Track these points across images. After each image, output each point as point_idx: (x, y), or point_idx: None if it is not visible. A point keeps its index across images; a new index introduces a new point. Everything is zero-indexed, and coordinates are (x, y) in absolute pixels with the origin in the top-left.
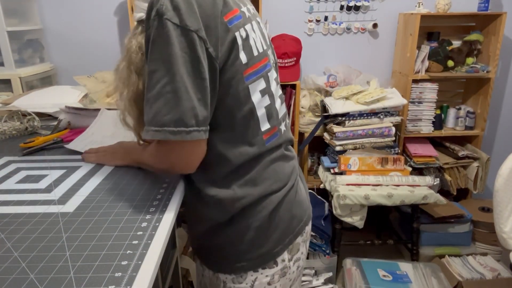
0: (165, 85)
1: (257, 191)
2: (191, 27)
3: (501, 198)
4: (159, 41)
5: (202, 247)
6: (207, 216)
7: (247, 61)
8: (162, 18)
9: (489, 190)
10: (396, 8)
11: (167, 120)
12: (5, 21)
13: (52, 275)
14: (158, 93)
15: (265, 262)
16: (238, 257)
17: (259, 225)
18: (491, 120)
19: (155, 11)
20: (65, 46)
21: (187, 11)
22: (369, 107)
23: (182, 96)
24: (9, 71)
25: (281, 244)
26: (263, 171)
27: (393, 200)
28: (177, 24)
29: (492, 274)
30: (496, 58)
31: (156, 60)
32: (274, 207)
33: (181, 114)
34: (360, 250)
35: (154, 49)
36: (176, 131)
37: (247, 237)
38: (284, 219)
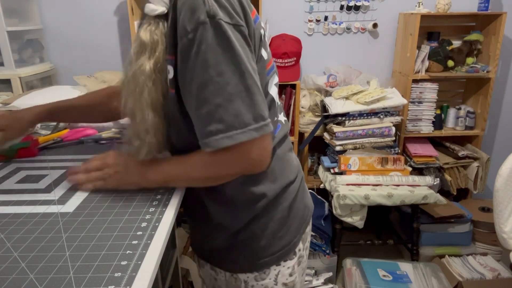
0: (237, 84)
1: (279, 184)
2: (239, 22)
3: (501, 198)
4: (219, 43)
5: (215, 250)
6: (231, 220)
7: (267, 57)
8: (215, 19)
9: (489, 190)
10: (396, 8)
11: (248, 119)
12: (5, 21)
13: (52, 275)
14: (231, 95)
15: (286, 254)
16: (261, 253)
17: (281, 217)
18: (491, 120)
19: (205, 14)
20: (65, 46)
21: (232, 7)
22: (369, 107)
23: (254, 91)
24: (9, 71)
25: (298, 234)
26: (281, 163)
27: (393, 200)
28: (229, 22)
29: (492, 274)
30: (496, 58)
31: (219, 62)
32: (293, 197)
33: (258, 109)
34: (360, 250)
35: (214, 52)
36: (258, 127)
37: (269, 231)
38: (300, 208)
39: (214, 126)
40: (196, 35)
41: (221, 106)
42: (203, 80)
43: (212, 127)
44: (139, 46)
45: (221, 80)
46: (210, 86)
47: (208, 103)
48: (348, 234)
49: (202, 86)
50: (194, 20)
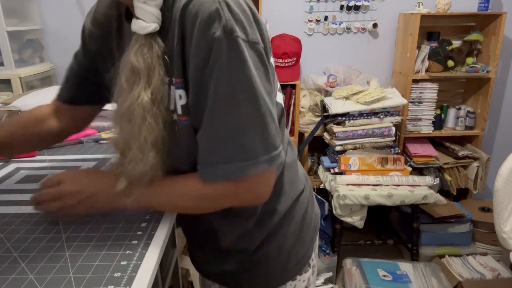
0: (250, 111)
1: (290, 197)
2: (256, 39)
3: (501, 198)
4: (234, 64)
5: (226, 273)
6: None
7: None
8: (232, 36)
9: (489, 190)
10: (396, 8)
11: (260, 150)
12: (5, 21)
13: (52, 275)
14: (243, 123)
15: (302, 268)
16: (276, 271)
17: (294, 232)
18: (491, 120)
19: (221, 29)
20: (65, 46)
21: (248, 21)
22: (369, 107)
23: (268, 120)
24: (9, 71)
25: (311, 245)
26: (290, 173)
27: (393, 200)
28: (245, 39)
29: (492, 274)
30: (496, 58)
31: (233, 87)
32: (305, 209)
33: (271, 138)
34: (360, 250)
35: (228, 75)
36: (270, 159)
37: (284, 248)
38: (312, 217)
39: (219, 156)
40: (211, 54)
41: (231, 135)
42: (215, 105)
43: (217, 156)
44: (131, 74)
45: (233, 107)
46: (221, 112)
47: (217, 130)
48: (348, 234)
49: (212, 111)
50: (209, 35)
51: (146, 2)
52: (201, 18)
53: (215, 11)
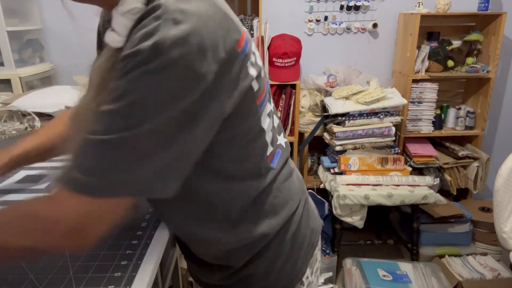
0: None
1: (280, 219)
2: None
3: (501, 198)
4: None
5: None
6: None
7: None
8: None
9: (489, 190)
10: (396, 8)
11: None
12: (5, 21)
13: (52, 275)
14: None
15: (293, 286)
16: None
17: (284, 250)
18: (491, 120)
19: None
20: (65, 46)
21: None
22: (369, 107)
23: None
24: (9, 71)
25: (305, 263)
26: (281, 196)
27: (393, 200)
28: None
29: (492, 274)
30: (496, 58)
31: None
32: (296, 227)
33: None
34: (360, 250)
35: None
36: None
37: (272, 266)
38: (306, 234)
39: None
40: (127, 63)
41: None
42: (105, 110)
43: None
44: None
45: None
46: (106, 119)
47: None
48: (348, 234)
49: (99, 114)
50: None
51: (125, 15)
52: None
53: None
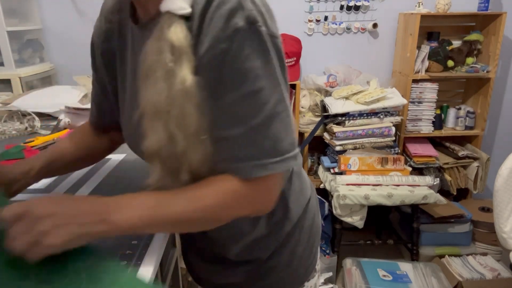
0: (276, 104)
1: (300, 204)
2: (276, 33)
3: (501, 198)
4: (259, 54)
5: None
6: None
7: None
8: (256, 26)
9: (489, 190)
10: (396, 8)
11: (287, 146)
12: (5, 21)
13: None
14: (270, 116)
15: (310, 273)
16: (286, 279)
17: (305, 238)
18: (491, 120)
19: (244, 19)
20: (65, 46)
21: (269, 14)
22: (369, 107)
23: (290, 113)
24: (9, 71)
25: (317, 250)
26: (298, 180)
27: (393, 200)
28: (267, 32)
29: (492, 274)
30: (496, 58)
31: (258, 76)
32: (313, 215)
33: (293, 133)
34: (360, 250)
35: (253, 64)
36: (294, 156)
37: (295, 255)
38: (319, 224)
39: (246, 151)
40: (233, 44)
41: (258, 128)
42: (238, 96)
43: (243, 152)
44: (172, 53)
45: (259, 98)
46: (248, 104)
47: (242, 123)
48: (348, 234)
49: (236, 103)
50: (231, 26)
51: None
52: (223, 10)
53: (234, 3)
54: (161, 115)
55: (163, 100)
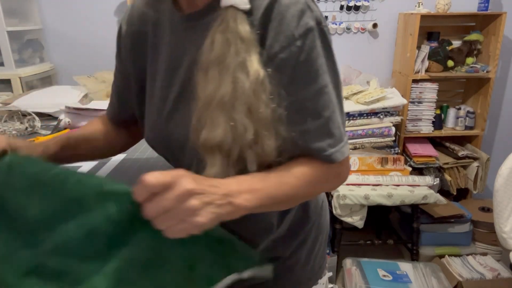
0: (337, 95)
1: (318, 202)
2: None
3: (501, 198)
4: (325, 51)
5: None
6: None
7: None
8: (321, 26)
9: (489, 190)
10: (396, 8)
11: (344, 132)
12: (5, 21)
13: None
14: (334, 107)
15: (323, 270)
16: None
17: (320, 235)
18: (491, 120)
19: (314, 19)
20: (65, 46)
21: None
22: (369, 107)
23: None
24: (9, 71)
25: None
26: None
27: (393, 200)
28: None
29: (492, 274)
30: (496, 58)
31: (325, 72)
32: (326, 211)
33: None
34: (360, 250)
35: (322, 61)
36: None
37: (313, 251)
38: (328, 220)
39: (325, 141)
40: (306, 42)
41: (330, 119)
42: (314, 91)
43: (325, 142)
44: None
45: (328, 91)
46: (322, 98)
47: (320, 116)
48: (348, 234)
49: (313, 98)
50: (303, 26)
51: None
52: (293, 11)
53: (303, 4)
54: (228, 107)
55: (233, 92)
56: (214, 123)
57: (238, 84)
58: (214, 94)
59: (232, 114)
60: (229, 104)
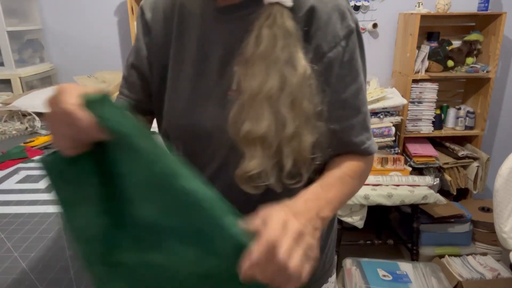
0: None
1: None
2: None
3: (501, 198)
4: (361, 50)
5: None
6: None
7: None
8: (359, 28)
9: (489, 190)
10: (396, 8)
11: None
12: (5, 21)
13: (52, 275)
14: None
15: (333, 268)
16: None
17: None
18: (491, 120)
19: (354, 21)
20: (65, 46)
21: None
22: (369, 107)
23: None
24: (9, 71)
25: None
26: None
27: (393, 200)
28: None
29: (492, 274)
30: (496, 58)
31: (362, 70)
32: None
33: None
34: (360, 250)
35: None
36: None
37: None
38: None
39: (364, 135)
40: (349, 43)
41: (367, 114)
42: (355, 88)
43: (364, 136)
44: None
45: (364, 88)
46: (360, 95)
47: (360, 112)
48: (348, 234)
49: (355, 95)
50: (346, 27)
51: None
52: (338, 12)
53: (345, 6)
54: (274, 100)
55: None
56: (259, 115)
57: (285, 78)
58: (261, 88)
59: (277, 108)
60: (275, 97)
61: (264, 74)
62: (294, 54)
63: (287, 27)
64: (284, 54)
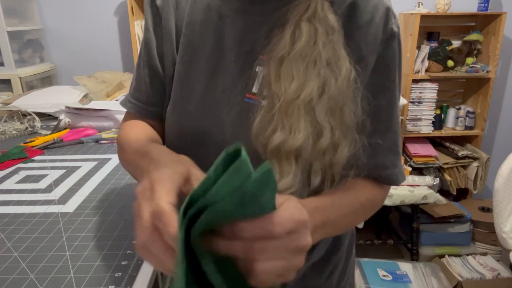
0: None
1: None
2: None
3: (501, 198)
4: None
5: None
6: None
7: None
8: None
9: (489, 190)
10: (396, 8)
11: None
12: (5, 21)
13: (52, 275)
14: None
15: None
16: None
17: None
18: (491, 120)
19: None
20: (65, 46)
21: None
22: None
23: None
24: (9, 71)
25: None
26: None
27: (393, 200)
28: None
29: (492, 274)
30: (496, 58)
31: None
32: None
33: None
34: (360, 250)
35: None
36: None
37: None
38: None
39: (391, 159)
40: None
41: (398, 134)
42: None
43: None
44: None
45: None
46: (392, 110)
47: (390, 130)
48: None
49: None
50: (389, 30)
51: None
52: (382, 11)
53: (389, 7)
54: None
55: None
56: (294, 125)
57: (327, 81)
58: (298, 92)
59: (315, 117)
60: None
61: (302, 76)
62: (338, 55)
63: (330, 21)
64: (326, 54)
